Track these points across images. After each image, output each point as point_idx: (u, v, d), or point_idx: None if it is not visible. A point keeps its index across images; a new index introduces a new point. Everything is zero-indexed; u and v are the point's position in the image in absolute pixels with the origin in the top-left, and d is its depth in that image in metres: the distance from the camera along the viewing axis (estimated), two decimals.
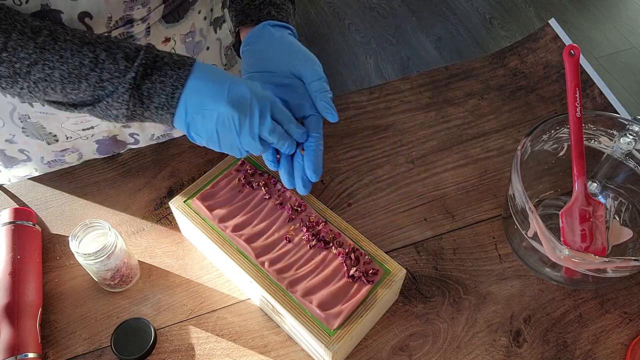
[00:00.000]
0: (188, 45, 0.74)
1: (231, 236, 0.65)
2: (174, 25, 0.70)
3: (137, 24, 0.65)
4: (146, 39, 0.68)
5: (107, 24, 0.62)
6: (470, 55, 2.25)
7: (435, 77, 0.91)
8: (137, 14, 0.64)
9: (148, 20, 0.66)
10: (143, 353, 0.62)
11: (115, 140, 0.81)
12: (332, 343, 0.57)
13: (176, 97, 0.54)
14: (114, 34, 0.64)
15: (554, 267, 0.66)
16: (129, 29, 0.65)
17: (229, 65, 0.84)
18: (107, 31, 0.63)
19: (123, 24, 0.64)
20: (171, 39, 0.71)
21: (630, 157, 0.70)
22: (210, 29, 0.77)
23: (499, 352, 0.65)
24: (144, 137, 0.82)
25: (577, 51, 0.65)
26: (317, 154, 0.61)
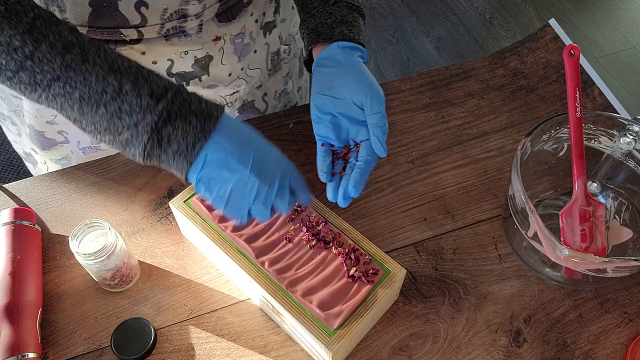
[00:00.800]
0: (237, 46, 0.74)
1: (231, 236, 0.65)
2: (226, 25, 0.70)
3: (191, 20, 0.66)
4: (198, 35, 0.68)
5: (161, 15, 0.63)
6: (470, 55, 2.25)
7: (435, 77, 0.91)
8: (191, 9, 0.64)
9: (201, 17, 0.66)
10: (143, 353, 0.62)
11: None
12: (332, 343, 0.57)
13: (197, 149, 0.51)
14: (166, 27, 0.65)
15: (554, 267, 0.66)
16: (182, 23, 0.65)
17: (273, 71, 0.84)
18: (161, 23, 0.64)
19: (177, 18, 0.64)
20: (221, 38, 0.71)
21: (630, 157, 0.70)
22: (260, 32, 0.78)
23: (499, 352, 0.65)
24: None
25: (577, 51, 0.65)
26: (362, 174, 0.62)
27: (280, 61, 0.85)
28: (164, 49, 0.68)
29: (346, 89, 0.64)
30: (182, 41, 0.68)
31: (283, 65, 0.87)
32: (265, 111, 0.88)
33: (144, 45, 0.67)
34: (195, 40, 0.69)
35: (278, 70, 0.86)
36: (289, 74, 0.90)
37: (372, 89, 0.63)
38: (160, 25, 0.65)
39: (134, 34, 0.64)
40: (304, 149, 0.81)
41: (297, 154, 0.81)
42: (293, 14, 0.84)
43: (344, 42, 0.66)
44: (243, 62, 0.77)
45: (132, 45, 0.66)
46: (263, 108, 0.87)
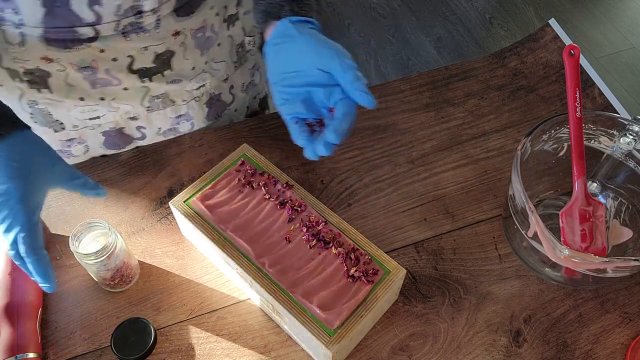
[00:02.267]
0: (198, 40, 0.74)
1: (231, 236, 0.65)
2: (185, 19, 0.70)
3: (147, 15, 0.65)
4: (156, 30, 0.68)
5: (116, 12, 0.62)
6: (470, 55, 2.25)
7: (435, 77, 0.91)
8: (147, 5, 0.64)
9: (159, 12, 0.66)
10: (143, 353, 0.62)
11: (122, 133, 0.80)
12: (332, 343, 0.57)
13: None
14: (122, 23, 0.64)
15: (554, 267, 0.66)
16: (138, 19, 0.65)
17: (239, 64, 0.84)
18: (116, 19, 0.63)
19: (133, 14, 0.64)
20: (181, 33, 0.71)
21: (630, 157, 0.70)
22: (223, 25, 0.77)
23: (499, 352, 0.65)
24: (151, 131, 0.82)
25: (577, 51, 0.65)
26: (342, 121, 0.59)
27: (246, 53, 0.84)
28: (122, 45, 0.67)
29: (306, 57, 0.61)
30: (140, 37, 0.67)
31: (249, 57, 0.85)
32: (231, 103, 0.87)
33: (101, 42, 0.66)
34: (154, 36, 0.68)
35: (244, 62, 0.85)
36: (256, 65, 0.89)
37: (334, 49, 0.60)
38: (116, 22, 0.64)
39: (90, 32, 0.64)
40: None
41: (297, 154, 0.81)
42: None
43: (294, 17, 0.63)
44: (207, 55, 0.76)
45: (89, 43, 0.65)
46: (229, 100, 0.86)
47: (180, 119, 0.81)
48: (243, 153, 0.72)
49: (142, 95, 0.74)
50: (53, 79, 0.69)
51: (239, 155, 0.72)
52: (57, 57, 0.66)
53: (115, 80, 0.70)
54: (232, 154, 0.72)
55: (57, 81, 0.69)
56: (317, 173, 0.79)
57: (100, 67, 0.68)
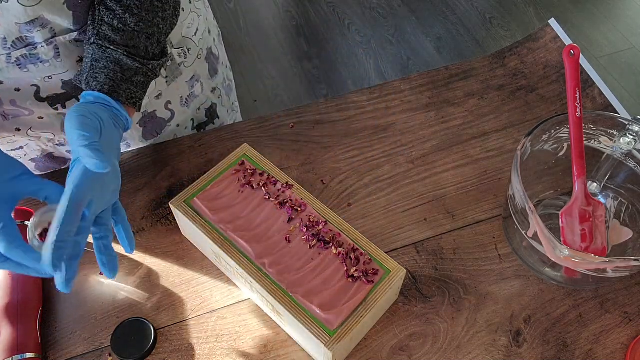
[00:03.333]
0: None
1: (231, 236, 0.65)
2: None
3: (42, 46, 0.60)
4: (57, 60, 0.62)
5: (2, 45, 0.58)
6: (470, 55, 2.25)
7: (435, 77, 0.91)
8: (37, 36, 0.59)
9: (55, 43, 0.61)
10: (143, 353, 0.62)
11: (53, 157, 0.77)
12: (332, 343, 0.57)
13: None
14: (14, 56, 0.59)
15: (554, 267, 0.66)
16: (31, 51, 0.60)
17: (171, 78, 0.78)
18: (6, 53, 0.59)
19: (24, 46, 0.59)
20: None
21: (630, 157, 0.70)
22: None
23: (499, 352, 0.65)
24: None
25: (577, 51, 0.65)
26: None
27: (179, 66, 0.78)
28: (22, 76, 0.62)
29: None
30: (39, 68, 0.61)
31: (184, 70, 0.79)
32: (171, 119, 0.82)
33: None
34: (57, 65, 0.62)
35: (178, 75, 0.79)
36: (195, 77, 0.83)
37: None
38: (7, 54, 0.59)
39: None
40: (304, 148, 0.81)
41: (297, 154, 0.81)
42: (184, 15, 0.76)
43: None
44: None
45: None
46: (168, 116, 0.81)
47: None
48: (243, 153, 0.72)
49: (60, 122, 0.69)
50: None
51: (239, 155, 0.72)
52: None
53: (26, 111, 0.66)
54: (232, 154, 0.72)
55: None
56: (317, 173, 0.79)
57: (4, 99, 0.64)
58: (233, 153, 0.72)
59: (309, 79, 2.19)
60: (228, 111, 0.95)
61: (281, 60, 2.24)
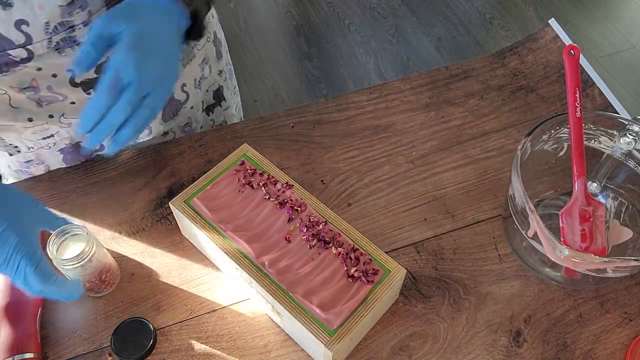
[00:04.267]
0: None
1: (231, 236, 0.65)
2: None
3: (79, 29, 0.63)
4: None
5: (45, 29, 0.60)
6: (470, 55, 2.25)
7: (435, 77, 0.91)
8: (77, 18, 0.61)
9: (90, 24, 0.63)
10: (143, 353, 0.62)
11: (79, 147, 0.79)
12: (332, 343, 0.57)
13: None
14: (54, 40, 0.62)
15: (554, 267, 0.66)
16: (70, 33, 0.62)
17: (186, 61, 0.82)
18: (47, 37, 0.61)
19: (64, 29, 0.62)
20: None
21: (630, 157, 0.70)
22: None
23: (499, 352, 0.65)
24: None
25: (577, 51, 0.65)
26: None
27: (192, 49, 0.82)
28: (59, 61, 0.64)
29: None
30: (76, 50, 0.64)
31: (197, 52, 0.84)
32: (186, 101, 0.86)
33: (37, 61, 0.63)
34: None
35: (192, 58, 0.83)
36: (205, 59, 0.87)
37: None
38: (48, 40, 0.61)
39: (23, 53, 0.61)
40: (304, 148, 0.81)
41: (297, 154, 0.81)
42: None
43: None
44: None
45: (25, 64, 0.62)
46: (183, 98, 0.85)
47: None
48: (243, 153, 0.72)
49: None
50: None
51: (239, 155, 0.72)
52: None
53: (60, 96, 0.68)
54: (232, 154, 0.72)
55: (2, 105, 0.67)
56: (317, 173, 0.79)
57: (42, 85, 0.66)
58: (233, 153, 0.72)
59: (309, 79, 2.19)
60: (232, 94, 0.99)
61: (281, 60, 2.24)
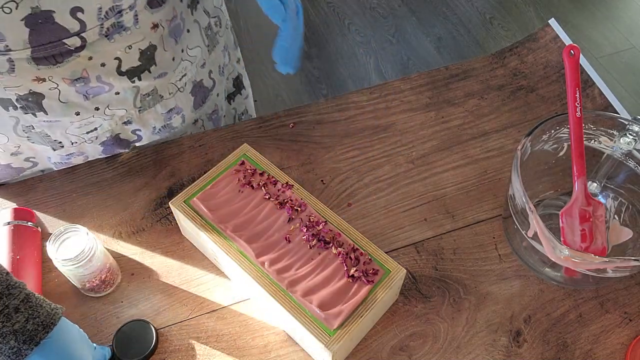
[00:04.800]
0: (172, 30, 0.75)
1: (231, 236, 0.65)
2: (158, 10, 0.70)
3: (126, 12, 0.66)
4: (136, 27, 0.68)
5: (98, 15, 0.63)
6: (470, 55, 2.25)
7: (435, 77, 0.91)
8: (125, 2, 0.65)
9: (135, 8, 0.67)
10: (144, 356, 0.62)
11: (119, 139, 0.81)
12: (332, 343, 0.57)
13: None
14: (105, 26, 0.65)
15: (554, 267, 0.66)
16: (118, 18, 0.65)
17: (211, 47, 0.85)
18: (99, 23, 0.64)
19: (114, 14, 0.64)
20: (159, 25, 0.71)
21: (630, 157, 0.70)
22: (187, 11, 0.78)
23: (499, 352, 0.65)
24: (146, 131, 0.82)
25: (577, 51, 0.65)
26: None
27: (215, 35, 0.86)
28: (108, 48, 0.67)
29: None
30: (123, 36, 0.67)
31: (219, 39, 0.87)
32: (213, 88, 0.88)
33: (89, 49, 0.66)
34: (135, 33, 0.69)
35: (216, 44, 0.86)
36: (225, 46, 0.91)
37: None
38: (100, 25, 0.64)
39: (77, 42, 0.63)
40: (304, 148, 0.81)
41: (297, 154, 0.81)
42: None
43: None
44: (181, 44, 0.77)
45: (78, 53, 0.65)
46: (211, 85, 0.87)
47: (171, 113, 0.82)
48: (243, 153, 0.72)
49: (133, 96, 0.75)
50: (47, 100, 0.69)
51: (239, 155, 0.72)
52: (48, 74, 0.65)
53: (107, 87, 0.71)
54: (232, 154, 0.72)
55: (51, 101, 0.69)
56: (317, 173, 0.79)
57: (91, 75, 0.68)
58: (233, 153, 0.72)
59: (309, 79, 2.19)
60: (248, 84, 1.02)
61: None
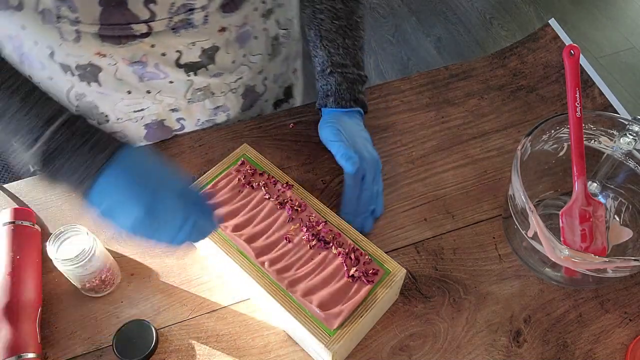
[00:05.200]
0: (240, 36, 0.77)
1: (231, 236, 0.65)
2: (230, 15, 0.73)
3: (197, 12, 0.68)
4: (204, 26, 0.71)
5: (169, 9, 0.66)
6: (470, 55, 2.24)
7: (435, 77, 0.91)
8: (198, 2, 0.67)
9: (207, 9, 0.69)
10: (144, 356, 0.62)
11: (163, 125, 0.83)
12: (332, 343, 0.57)
13: (86, 186, 0.50)
14: (174, 20, 0.67)
15: (554, 267, 0.66)
16: (188, 15, 0.68)
17: (273, 56, 0.87)
18: (169, 17, 0.66)
19: (185, 11, 0.67)
20: (227, 29, 0.74)
21: (630, 157, 0.70)
22: (260, 20, 0.80)
23: (499, 352, 0.65)
24: (190, 122, 0.84)
25: (577, 51, 0.65)
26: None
27: (280, 45, 0.87)
28: (172, 41, 0.70)
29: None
30: (189, 33, 0.70)
31: (282, 49, 0.88)
32: (263, 94, 0.90)
33: (153, 38, 0.69)
34: (202, 32, 0.71)
35: (278, 54, 0.88)
36: (287, 57, 0.92)
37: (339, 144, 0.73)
38: (169, 19, 0.67)
39: (143, 29, 0.67)
40: (304, 148, 0.81)
41: (297, 154, 0.81)
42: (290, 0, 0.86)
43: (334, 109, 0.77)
44: (245, 49, 0.79)
45: (142, 39, 0.68)
46: (262, 91, 0.89)
47: (218, 110, 0.84)
48: (243, 153, 0.72)
49: (186, 88, 0.78)
50: (103, 74, 0.72)
51: (239, 155, 0.72)
52: (110, 52, 0.69)
53: (162, 74, 0.74)
54: (232, 154, 0.72)
55: (107, 76, 0.72)
56: (317, 173, 0.79)
57: (150, 62, 0.72)
58: (233, 153, 0.72)
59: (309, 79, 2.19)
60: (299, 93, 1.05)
61: None
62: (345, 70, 0.78)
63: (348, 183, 0.72)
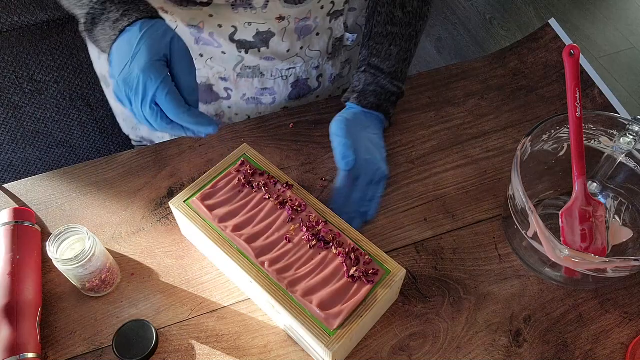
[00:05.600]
0: (299, 28, 0.78)
1: (231, 236, 0.65)
2: (292, 7, 0.74)
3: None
4: (263, 10, 0.73)
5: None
6: (470, 55, 2.25)
7: (435, 77, 0.91)
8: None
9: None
10: (144, 356, 0.62)
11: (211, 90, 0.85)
12: (332, 343, 0.57)
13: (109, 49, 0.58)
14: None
15: (554, 267, 0.66)
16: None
17: (332, 56, 0.87)
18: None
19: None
20: (285, 19, 0.75)
21: (630, 157, 0.70)
22: (326, 18, 0.81)
23: (499, 352, 0.65)
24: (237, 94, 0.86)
25: (577, 51, 0.65)
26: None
27: (342, 47, 0.88)
28: (230, 15, 0.73)
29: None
30: (247, 12, 0.72)
31: (344, 52, 0.89)
32: (316, 90, 0.91)
33: (212, 9, 0.71)
34: (260, 15, 0.73)
35: (338, 55, 0.89)
36: (349, 60, 0.93)
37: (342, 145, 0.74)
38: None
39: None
40: (304, 148, 0.81)
41: (297, 154, 0.81)
42: (364, 5, 0.86)
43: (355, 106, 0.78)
44: (302, 41, 0.80)
45: (202, 7, 0.71)
46: (315, 87, 0.90)
47: (265, 91, 0.86)
48: (243, 153, 0.72)
49: (236, 62, 0.80)
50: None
51: (239, 155, 0.72)
52: (172, 10, 0.74)
53: (216, 43, 0.77)
54: (232, 154, 0.72)
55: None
56: (317, 173, 0.79)
57: (206, 29, 0.75)
58: (233, 153, 0.72)
59: None
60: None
61: None
62: (379, 73, 0.77)
63: (340, 180, 0.73)
